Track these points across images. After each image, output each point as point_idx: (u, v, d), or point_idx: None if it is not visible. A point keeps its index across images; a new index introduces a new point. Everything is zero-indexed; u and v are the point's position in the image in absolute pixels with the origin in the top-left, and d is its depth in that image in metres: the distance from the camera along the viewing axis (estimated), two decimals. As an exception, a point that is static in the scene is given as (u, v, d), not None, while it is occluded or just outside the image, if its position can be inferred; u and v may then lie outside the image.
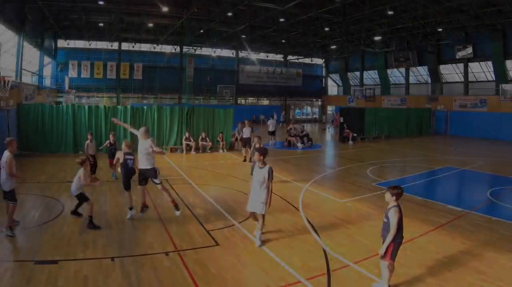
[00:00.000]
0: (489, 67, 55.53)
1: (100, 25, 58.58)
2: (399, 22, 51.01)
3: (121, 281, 10.05)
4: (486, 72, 56.66)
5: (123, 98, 69.01)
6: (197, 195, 19.47)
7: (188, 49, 71.39)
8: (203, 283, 10.16)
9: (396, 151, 37.08)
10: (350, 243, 13.18)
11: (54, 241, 12.56)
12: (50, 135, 30.84)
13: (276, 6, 42.99)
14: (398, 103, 67.49)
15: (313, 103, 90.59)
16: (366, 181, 23.26)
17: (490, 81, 55.93)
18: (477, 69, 57.90)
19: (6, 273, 10.25)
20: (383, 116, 48.87)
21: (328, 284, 10.25)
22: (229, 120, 35.77)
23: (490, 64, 55.00)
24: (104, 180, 21.35)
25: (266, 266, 11.24)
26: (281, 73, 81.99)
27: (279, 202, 17.86)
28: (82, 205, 14.94)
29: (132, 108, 33.29)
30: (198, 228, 14.32)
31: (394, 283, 10.20)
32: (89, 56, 66.86)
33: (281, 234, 13.86)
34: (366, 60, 77.02)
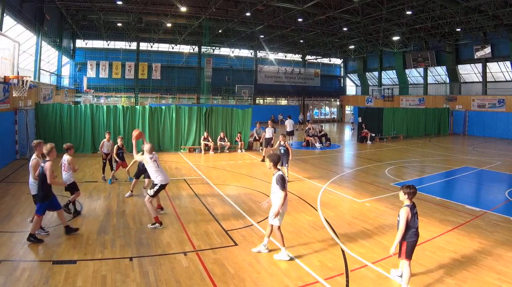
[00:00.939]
0: (508, 67, 55.16)
1: (118, 25, 58.97)
2: (417, 22, 50.88)
3: (140, 281, 10.08)
4: (505, 72, 56.23)
5: (141, 98, 69.11)
6: (215, 195, 19.46)
7: (207, 49, 71.64)
8: (221, 283, 10.16)
9: (414, 151, 36.84)
10: (368, 243, 13.14)
11: (73, 241, 12.62)
12: (68, 135, 30.76)
13: (294, 6, 42.93)
14: (416, 103, 67.15)
15: (331, 103, 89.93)
16: (385, 181, 23.18)
17: (509, 81, 55.73)
18: (495, 69, 57.46)
19: (24, 273, 10.27)
20: (401, 116, 48.52)
21: (347, 284, 10.23)
22: (248, 120, 35.67)
23: (508, 64, 54.62)
24: (122, 180, 21.65)
25: (284, 266, 11.22)
26: (299, 73, 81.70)
27: (297, 202, 17.92)
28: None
29: (151, 108, 33.26)
30: (217, 228, 14.32)
31: (413, 282, 10.18)
32: (107, 56, 67.14)
33: (299, 233, 13.84)
34: (384, 60, 76.77)
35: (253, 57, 78.97)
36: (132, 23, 55.12)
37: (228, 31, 62.20)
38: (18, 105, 28.18)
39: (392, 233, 13.49)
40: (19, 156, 27.85)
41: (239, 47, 75.60)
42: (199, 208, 16.79)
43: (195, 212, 16.25)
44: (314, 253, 12.17)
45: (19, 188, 19.31)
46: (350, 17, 48.44)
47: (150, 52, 70.99)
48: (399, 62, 70.99)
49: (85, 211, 16.00)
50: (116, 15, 52.36)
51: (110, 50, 67.90)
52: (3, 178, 21.79)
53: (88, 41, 66.26)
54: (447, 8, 43.20)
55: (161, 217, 14.75)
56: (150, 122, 32.45)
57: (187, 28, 59.24)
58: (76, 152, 29.77)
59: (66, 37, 56.18)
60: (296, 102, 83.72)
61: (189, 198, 17.02)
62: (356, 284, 10.19)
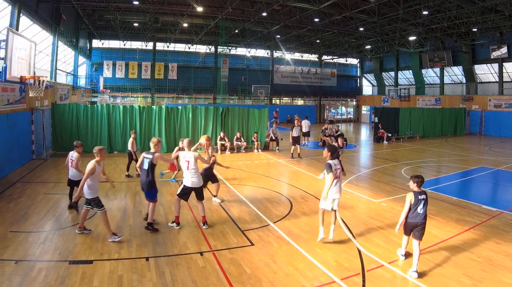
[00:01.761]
0: (524, 67, 54.72)
1: (134, 25, 59.09)
2: (433, 22, 50.67)
3: (156, 281, 10.09)
4: (521, 72, 55.91)
5: (157, 98, 69.39)
6: (231, 195, 19.46)
7: (223, 49, 71.89)
8: (237, 283, 10.16)
9: (431, 151, 36.68)
10: (384, 243, 13.13)
11: (89, 241, 12.67)
12: (85, 135, 30.84)
13: (310, 6, 42.83)
14: (433, 103, 66.93)
15: (348, 103, 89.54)
16: (401, 181, 23.08)
17: (525, 81, 55.33)
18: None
19: (40, 273, 10.29)
20: (417, 116, 48.36)
21: (363, 284, 10.22)
22: (264, 120, 35.70)
23: (525, 64, 54.20)
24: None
25: (301, 266, 11.21)
26: (315, 73, 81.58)
27: (314, 202, 17.84)
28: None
29: (167, 108, 33.31)
30: (233, 228, 14.33)
31: (429, 283, 10.19)
32: (123, 56, 67.34)
33: (316, 233, 13.59)
34: (401, 60, 76.43)
35: (270, 57, 78.87)
36: (148, 23, 55.25)
37: (244, 31, 62.08)
38: (35, 105, 28.26)
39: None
40: (36, 156, 27.93)
41: (255, 47, 75.72)
42: (215, 208, 16.83)
43: (211, 212, 16.26)
44: (331, 253, 12.17)
45: (35, 188, 19.39)
46: (367, 17, 48.36)
47: (166, 52, 71.05)
48: (415, 62, 70.57)
49: (101, 210, 16.12)
50: (133, 15, 52.50)
51: (127, 50, 68.20)
52: (19, 177, 21.87)
53: (105, 41, 66.60)
54: (463, 8, 43.04)
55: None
56: (166, 123, 32.51)
57: (203, 28, 59.23)
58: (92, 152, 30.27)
59: (83, 37, 56.39)
60: (313, 103, 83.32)
61: (205, 198, 16.55)
62: (373, 284, 10.20)
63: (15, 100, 24.28)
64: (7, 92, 22.72)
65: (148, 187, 14.09)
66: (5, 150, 22.37)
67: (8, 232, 13.18)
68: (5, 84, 21.46)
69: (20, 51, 17.23)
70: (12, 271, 10.34)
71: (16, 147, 24.36)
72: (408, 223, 11.24)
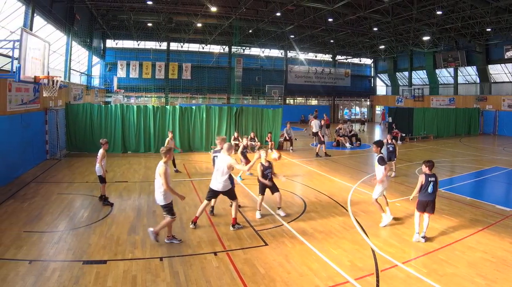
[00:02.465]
0: (538, 67, 54.48)
1: (148, 25, 59.29)
2: (447, 22, 50.55)
3: (170, 281, 10.11)
4: (535, 72, 55.65)
5: (171, 98, 69.64)
6: (245, 195, 19.51)
7: (237, 49, 72.10)
8: (251, 283, 10.17)
9: (445, 151, 36.58)
10: (398, 243, 13.12)
11: (103, 241, 12.70)
12: (98, 135, 30.59)
13: (324, 6, 42.91)
14: (447, 103, 66.61)
15: (362, 103, 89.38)
16: (415, 181, 22.40)
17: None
18: (526, 69, 56.83)
19: (54, 273, 10.31)
20: (431, 116, 48.26)
21: (377, 284, 10.21)
22: (278, 120, 35.73)
23: (539, 64, 53.97)
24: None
25: (315, 266, 11.20)
26: (329, 73, 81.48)
27: (328, 202, 17.92)
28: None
29: (181, 108, 33.31)
30: (247, 228, 14.34)
31: (443, 283, 10.15)
32: (137, 56, 67.59)
33: (330, 233, 13.83)
34: (415, 60, 76.07)
35: (283, 57, 78.80)
36: (162, 23, 55.41)
37: (258, 31, 62.14)
38: (49, 105, 28.38)
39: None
40: (49, 156, 28.01)
41: (269, 47, 75.77)
42: (229, 208, 16.43)
43: (225, 212, 16.26)
44: (345, 253, 12.17)
45: (49, 188, 19.47)
46: (381, 17, 48.31)
47: (180, 52, 71.23)
48: (429, 62, 70.39)
49: (115, 210, 16.13)
50: (146, 15, 52.66)
51: (140, 50, 68.51)
52: (33, 177, 21.94)
53: (118, 41, 66.86)
54: (477, 8, 42.91)
55: (191, 218, 14.69)
56: (180, 123, 32.53)
57: (217, 28, 59.31)
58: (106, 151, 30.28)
59: (96, 37, 56.60)
60: (327, 102, 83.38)
61: (219, 198, 16.56)
62: (387, 284, 10.19)
63: (29, 100, 24.42)
64: (21, 92, 22.91)
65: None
66: (19, 150, 22.45)
67: (22, 232, 13.21)
68: (19, 84, 21.55)
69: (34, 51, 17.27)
70: (26, 271, 10.36)
71: (30, 147, 24.42)
72: (420, 201, 13.39)
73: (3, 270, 10.35)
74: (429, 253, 12.21)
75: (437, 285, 10.04)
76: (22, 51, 15.04)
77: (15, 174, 21.67)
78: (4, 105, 20.56)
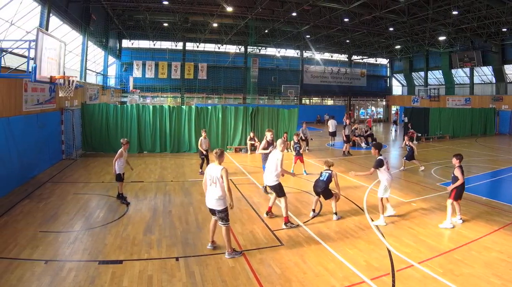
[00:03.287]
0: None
1: (164, 25, 59.60)
2: (463, 22, 50.45)
3: (186, 281, 10.09)
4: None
5: (187, 98, 69.84)
6: (261, 195, 19.57)
7: (253, 49, 72.06)
8: (267, 283, 10.14)
9: (460, 151, 34.67)
10: (414, 242, 13.05)
11: (119, 241, 12.71)
12: (115, 135, 31.03)
13: (340, 6, 42.89)
14: (462, 103, 66.45)
15: (377, 103, 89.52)
16: (431, 181, 23.04)
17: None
18: (542, 69, 56.56)
19: (70, 273, 10.33)
20: (447, 116, 48.16)
21: (393, 284, 10.17)
22: (294, 120, 35.59)
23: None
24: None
25: (331, 266, 11.17)
26: (345, 73, 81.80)
27: (344, 202, 17.82)
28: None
29: (197, 108, 33.33)
30: (263, 228, 14.34)
31: (458, 282, 10.11)
32: (153, 56, 68.03)
33: (346, 233, 13.79)
34: (431, 60, 76.07)
35: (299, 57, 79.06)
36: (178, 23, 55.69)
37: (274, 31, 62.29)
38: (64, 105, 28.47)
39: (438, 233, 14.06)
40: (65, 156, 28.13)
41: (285, 47, 75.74)
42: (245, 208, 16.88)
43: (241, 212, 16.32)
44: (360, 253, 12.14)
45: (65, 188, 19.53)
46: (396, 17, 48.24)
47: (196, 52, 71.61)
48: (445, 62, 70.34)
49: (131, 211, 16.17)
50: (162, 15, 52.86)
51: (156, 50, 68.83)
52: (49, 177, 22.03)
53: (134, 41, 67.22)
54: (493, 8, 42.77)
55: (207, 218, 14.45)
56: (196, 123, 32.54)
57: (233, 28, 59.50)
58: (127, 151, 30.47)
59: (112, 37, 56.98)
60: (342, 102, 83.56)
61: (235, 198, 16.49)
62: (402, 284, 10.14)
63: (45, 100, 24.55)
64: (37, 92, 23.04)
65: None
66: (35, 150, 22.54)
67: (38, 232, 13.25)
68: (35, 84, 21.66)
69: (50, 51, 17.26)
70: (41, 271, 10.38)
71: (46, 147, 24.53)
72: (458, 190, 14.75)
73: (19, 270, 10.38)
74: (445, 253, 12.15)
75: (453, 285, 10.00)
76: (38, 51, 15.05)
77: (31, 174, 21.75)
78: (20, 105, 20.68)
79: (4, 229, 13.52)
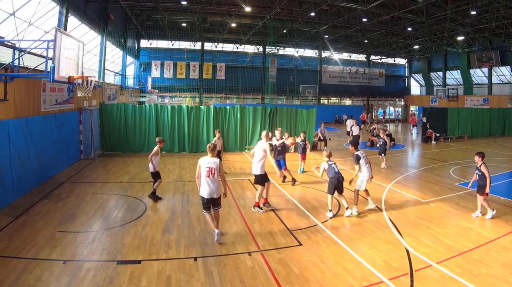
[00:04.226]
0: None
1: (183, 25, 59.74)
2: (481, 22, 50.21)
3: (204, 281, 10.12)
4: None
5: (205, 98, 70.01)
6: (279, 195, 19.49)
7: (271, 49, 72.11)
8: (285, 283, 10.14)
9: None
10: (433, 243, 12.99)
11: (137, 241, 12.75)
12: (133, 135, 31.24)
13: (359, 6, 43.01)
14: (481, 103, 66.02)
15: (396, 103, 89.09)
16: (449, 181, 22.86)
17: None
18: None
19: (88, 273, 10.38)
20: (465, 116, 47.88)
21: (411, 284, 10.14)
22: (312, 120, 35.41)
23: None
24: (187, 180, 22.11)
25: (349, 266, 11.16)
26: (363, 73, 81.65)
27: (362, 202, 17.63)
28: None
29: (215, 108, 33.36)
30: (281, 228, 14.30)
31: (477, 282, 10.06)
32: (171, 56, 68.18)
33: (364, 233, 13.79)
34: (449, 60, 75.86)
35: (318, 57, 78.84)
36: (196, 23, 55.73)
37: (292, 31, 62.37)
38: (83, 105, 28.62)
39: (457, 233, 13.94)
40: (84, 156, 28.20)
41: (303, 47, 75.79)
42: (264, 207, 16.68)
43: (259, 212, 16.23)
44: (379, 253, 12.13)
45: (84, 188, 19.59)
46: (415, 17, 48.23)
47: (214, 52, 71.86)
48: (463, 62, 70.18)
49: (149, 211, 16.20)
50: (181, 15, 53.08)
51: (175, 50, 69.15)
52: (67, 177, 22.11)
53: (153, 41, 67.73)
54: (511, 8, 42.63)
55: (225, 218, 14.95)
56: (214, 123, 32.46)
57: (251, 28, 59.51)
58: (141, 152, 30.45)
59: (131, 37, 57.24)
60: (361, 103, 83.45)
61: (253, 198, 17.03)
62: (421, 284, 10.11)
63: (63, 100, 24.71)
64: (55, 92, 23.18)
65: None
66: (54, 150, 22.65)
67: (56, 232, 13.31)
68: (54, 84, 21.80)
69: (68, 51, 17.32)
70: (60, 271, 10.44)
71: (64, 147, 24.64)
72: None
73: (37, 270, 10.42)
74: (463, 253, 12.10)
75: (472, 285, 9.96)
76: (56, 51, 15.10)
77: (50, 174, 21.86)
78: (39, 106, 20.84)
79: (22, 229, 13.60)
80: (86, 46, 29.31)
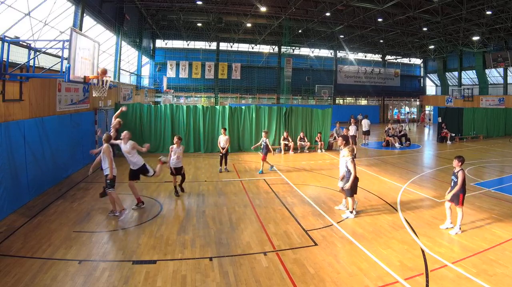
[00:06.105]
0: None
1: (198, 25, 59.78)
2: (497, 22, 49.98)
3: (219, 281, 10.13)
4: None
5: (221, 98, 70.09)
6: (295, 195, 19.41)
7: (286, 49, 71.69)
8: (301, 283, 10.14)
9: (494, 151, 36.01)
10: (448, 243, 13.01)
11: (152, 241, 12.80)
12: (148, 135, 31.34)
13: (374, 6, 42.77)
14: (496, 103, 65.95)
15: (411, 103, 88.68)
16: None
17: None
18: None
19: (104, 273, 10.44)
20: (481, 116, 47.75)
21: (427, 284, 10.13)
22: (328, 120, 35.45)
23: None
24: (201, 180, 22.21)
25: (364, 266, 11.17)
26: (379, 73, 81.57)
27: (377, 202, 17.87)
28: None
29: (231, 108, 33.37)
30: (296, 228, 14.29)
31: (492, 283, 10.05)
32: (187, 56, 68.34)
33: (379, 233, 13.80)
34: (464, 60, 75.41)
35: (333, 57, 78.75)
36: (212, 23, 55.89)
37: (308, 31, 62.24)
38: (98, 105, 28.73)
39: (472, 233, 13.94)
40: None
41: (319, 47, 75.66)
42: (279, 208, 16.81)
43: (275, 212, 16.27)
44: (394, 253, 12.14)
45: (98, 188, 19.46)
46: (430, 17, 47.96)
47: (230, 52, 71.75)
48: (479, 62, 69.78)
49: (165, 211, 16.28)
50: (196, 15, 53.15)
51: (190, 50, 69.12)
52: (82, 178, 22.19)
53: (168, 41, 67.59)
54: (527, 8, 42.34)
55: (241, 218, 15.03)
56: (230, 122, 32.53)
57: (267, 28, 59.57)
58: (156, 151, 30.54)
59: (146, 37, 57.29)
60: (376, 103, 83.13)
61: (269, 198, 17.25)
62: (436, 284, 10.12)
63: (79, 100, 24.83)
64: (70, 92, 23.31)
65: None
66: (69, 150, 22.77)
67: (72, 232, 13.38)
68: (69, 84, 21.97)
69: (83, 51, 17.37)
70: (75, 271, 10.49)
71: (79, 147, 24.73)
72: (464, 195, 14.39)
73: (53, 270, 10.49)
74: (479, 253, 12.06)
75: (487, 285, 9.95)
76: (71, 51, 15.14)
77: (65, 174, 22.00)
78: (54, 105, 20.95)
79: (38, 229, 13.66)
80: (101, 46, 29.25)
